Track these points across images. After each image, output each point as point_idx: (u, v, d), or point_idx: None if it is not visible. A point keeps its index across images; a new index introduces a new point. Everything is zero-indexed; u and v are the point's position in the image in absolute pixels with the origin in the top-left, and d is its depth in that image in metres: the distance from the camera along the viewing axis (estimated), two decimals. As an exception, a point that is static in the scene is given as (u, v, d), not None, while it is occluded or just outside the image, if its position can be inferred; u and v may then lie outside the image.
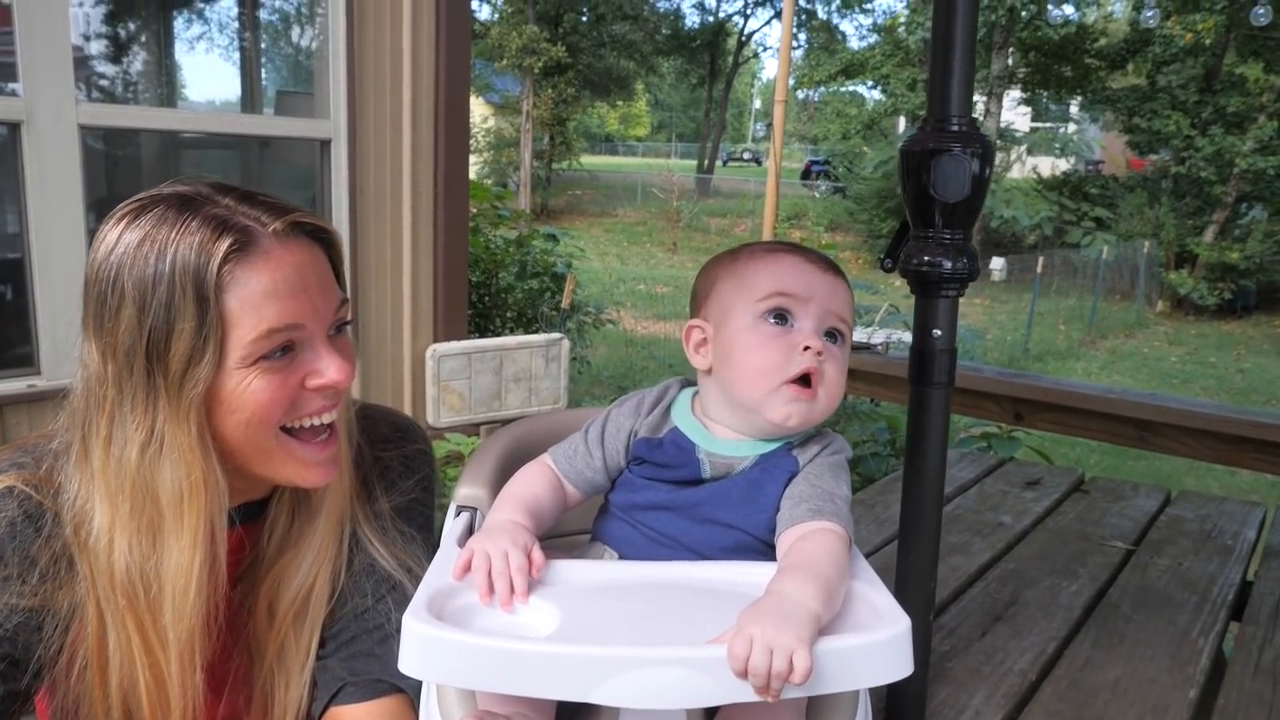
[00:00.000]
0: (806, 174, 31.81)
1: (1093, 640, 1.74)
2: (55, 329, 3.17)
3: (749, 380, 1.04)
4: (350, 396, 1.17)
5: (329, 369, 0.99)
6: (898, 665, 0.85)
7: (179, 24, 5.15)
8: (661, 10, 32.80)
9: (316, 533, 1.10)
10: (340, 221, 4.55)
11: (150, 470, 0.92)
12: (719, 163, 36.90)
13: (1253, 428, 2.86)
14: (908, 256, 1.27)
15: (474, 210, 7.04)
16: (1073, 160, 22.40)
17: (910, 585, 1.35)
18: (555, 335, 5.65)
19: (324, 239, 1.02)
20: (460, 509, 1.18)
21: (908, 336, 6.20)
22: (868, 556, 2.08)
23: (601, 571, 1.02)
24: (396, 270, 4.84)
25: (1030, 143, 21.33)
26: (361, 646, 1.09)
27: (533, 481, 1.14)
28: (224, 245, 0.91)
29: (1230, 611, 1.92)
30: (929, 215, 1.24)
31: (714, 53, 33.58)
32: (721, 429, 1.09)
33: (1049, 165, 21.95)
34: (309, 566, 1.09)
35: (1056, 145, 21.09)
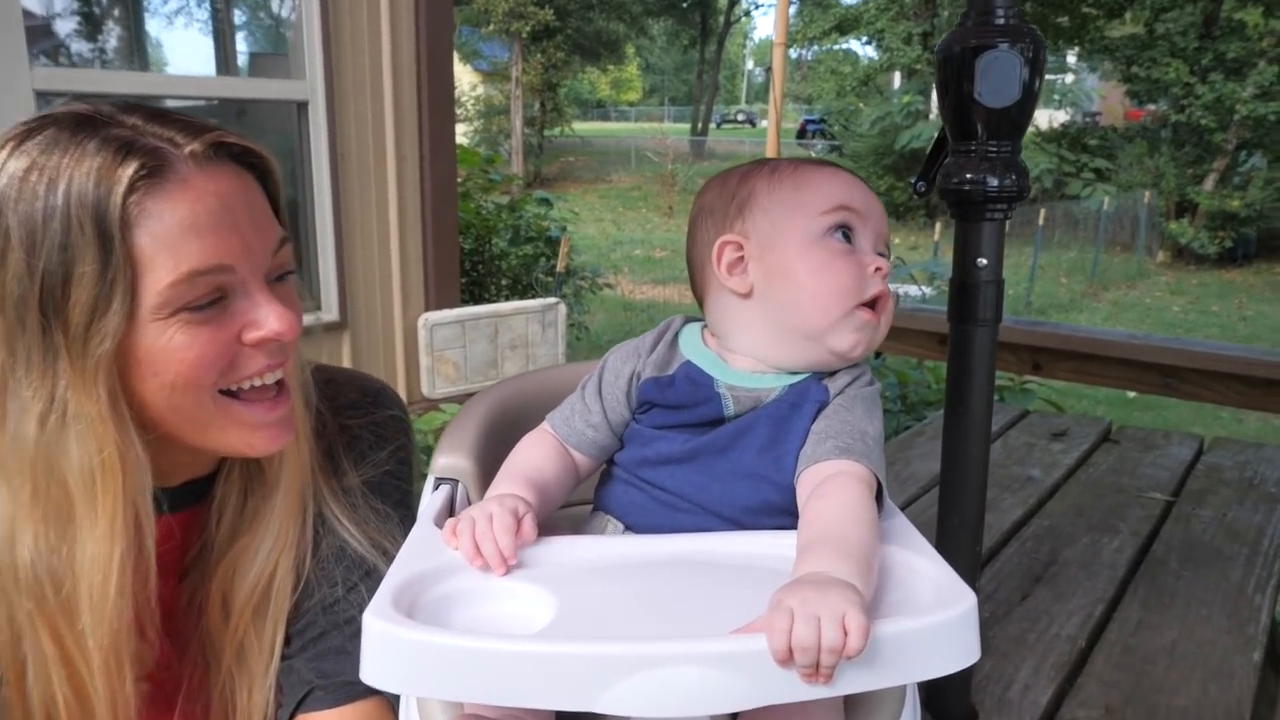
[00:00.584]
0: (802, 133, 31.49)
1: (1142, 600, 1.60)
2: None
3: (819, 303, 0.90)
4: (304, 357, 1.02)
5: (268, 319, 0.83)
6: (964, 651, 0.71)
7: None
8: (650, -30, 32.26)
9: (274, 512, 0.96)
10: (322, 188, 4.38)
11: (52, 446, 0.77)
12: (713, 125, 36.48)
13: (1287, 370, 2.71)
14: (946, 175, 1.11)
15: (463, 176, 6.87)
16: (1071, 112, 22.09)
17: (955, 550, 1.20)
18: (551, 300, 5.49)
19: (256, 164, 0.86)
20: (439, 481, 1.04)
21: (914, 290, 6.01)
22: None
23: (604, 549, 0.88)
24: (384, 238, 4.67)
25: (1027, 94, 20.97)
26: (332, 643, 0.94)
27: (532, 451, 0.99)
28: (129, 171, 0.75)
29: (1285, 564, 1.78)
30: (970, 126, 1.08)
31: (704, 13, 33.04)
32: (742, 359, 0.95)
33: (1047, 118, 21.64)
34: (267, 552, 0.95)
35: (1055, 96, 20.77)
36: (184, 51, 5.27)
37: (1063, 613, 1.55)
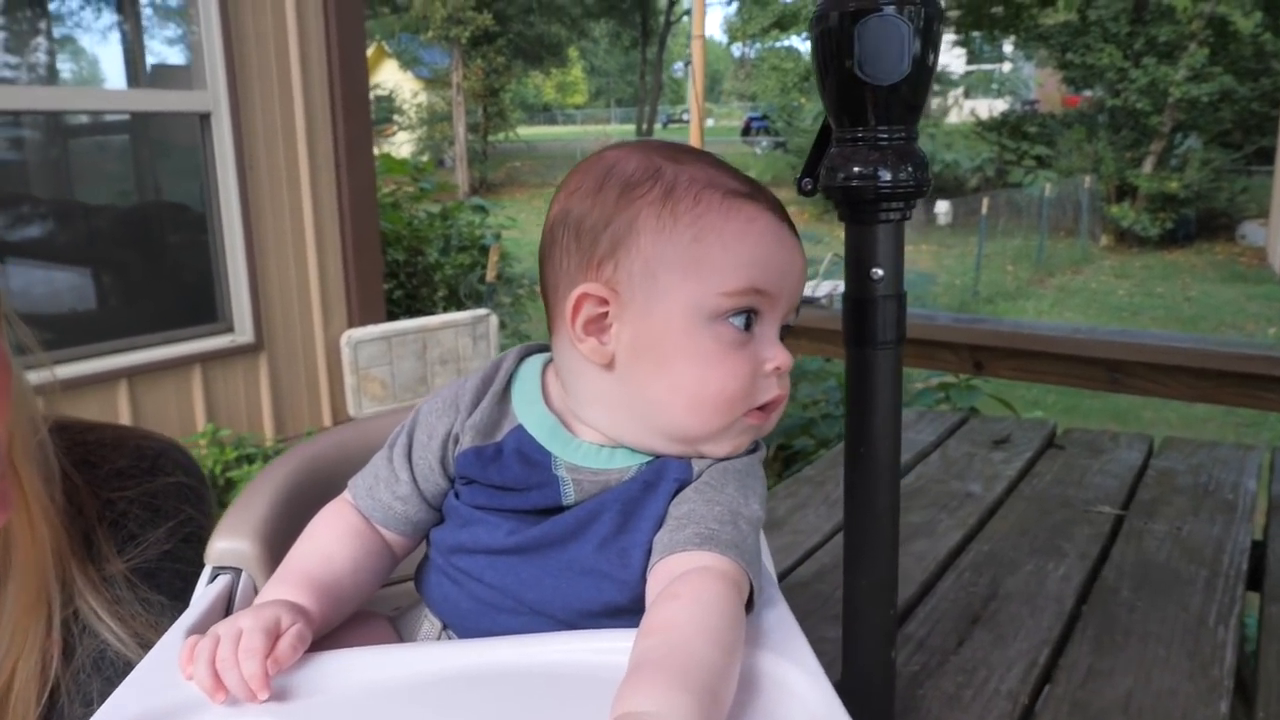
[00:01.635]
0: (747, 130, 31.51)
1: (1092, 640, 1.42)
2: None
3: (697, 411, 0.70)
4: (34, 413, 0.81)
5: None
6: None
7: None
8: (589, -28, 32.05)
9: (5, 615, 0.79)
10: (229, 202, 4.13)
11: None
12: (658, 125, 36.37)
13: (1237, 360, 2.57)
14: (831, 169, 0.91)
15: (392, 186, 6.61)
16: (1009, 100, 22.30)
17: (864, 616, 1.01)
18: (482, 311, 5.24)
19: None
20: (217, 571, 0.82)
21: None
22: (815, 551, 1.78)
23: (391, 667, 0.67)
24: (299, 252, 4.41)
25: (967, 85, 21.16)
26: None
27: (322, 535, 0.77)
28: None
29: (1246, 582, 1.62)
30: (856, 109, 0.88)
31: (644, 13, 32.92)
32: (590, 431, 0.73)
33: (986, 107, 21.81)
34: (1, 659, 0.79)
35: (994, 86, 20.94)
36: (87, 66, 4.97)
37: (1003, 661, 1.36)
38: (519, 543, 0.72)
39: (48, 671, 0.81)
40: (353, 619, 0.83)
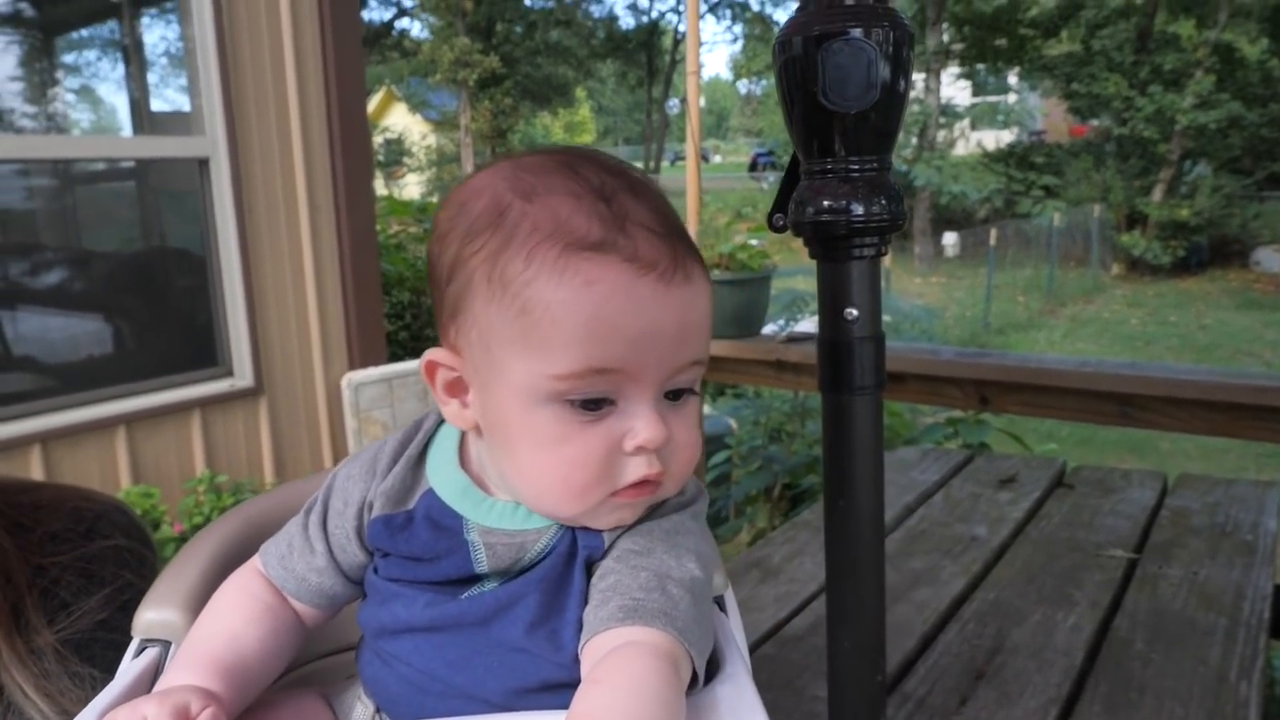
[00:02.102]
0: (754, 166, 31.66)
1: (1104, 699, 1.33)
2: None
3: (548, 495, 0.63)
4: None
5: None
6: None
7: (28, 47, 4.65)
8: (595, 15, 32.43)
9: None
10: (228, 246, 4.11)
11: None
12: (666, 162, 36.62)
13: (1252, 393, 2.48)
14: (800, 204, 0.86)
15: (398, 228, 6.60)
16: (1016, 131, 22.33)
17: (848, 683, 0.93)
18: (482, 352, 5.20)
19: None
20: (144, 644, 0.76)
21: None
22: (811, 601, 1.69)
23: None
24: (299, 295, 4.38)
25: (972, 116, 21.21)
26: None
27: (229, 612, 0.71)
28: None
29: (1269, 631, 1.53)
30: (824, 139, 0.83)
31: (650, 53, 33.26)
32: (504, 490, 0.67)
33: (993, 138, 21.84)
34: None
35: (999, 117, 20.97)
36: (92, 113, 5.00)
37: (1009, 722, 1.28)
38: (436, 617, 0.65)
39: None
40: (284, 695, 0.76)
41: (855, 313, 0.85)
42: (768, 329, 3.68)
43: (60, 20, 4.67)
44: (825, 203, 0.83)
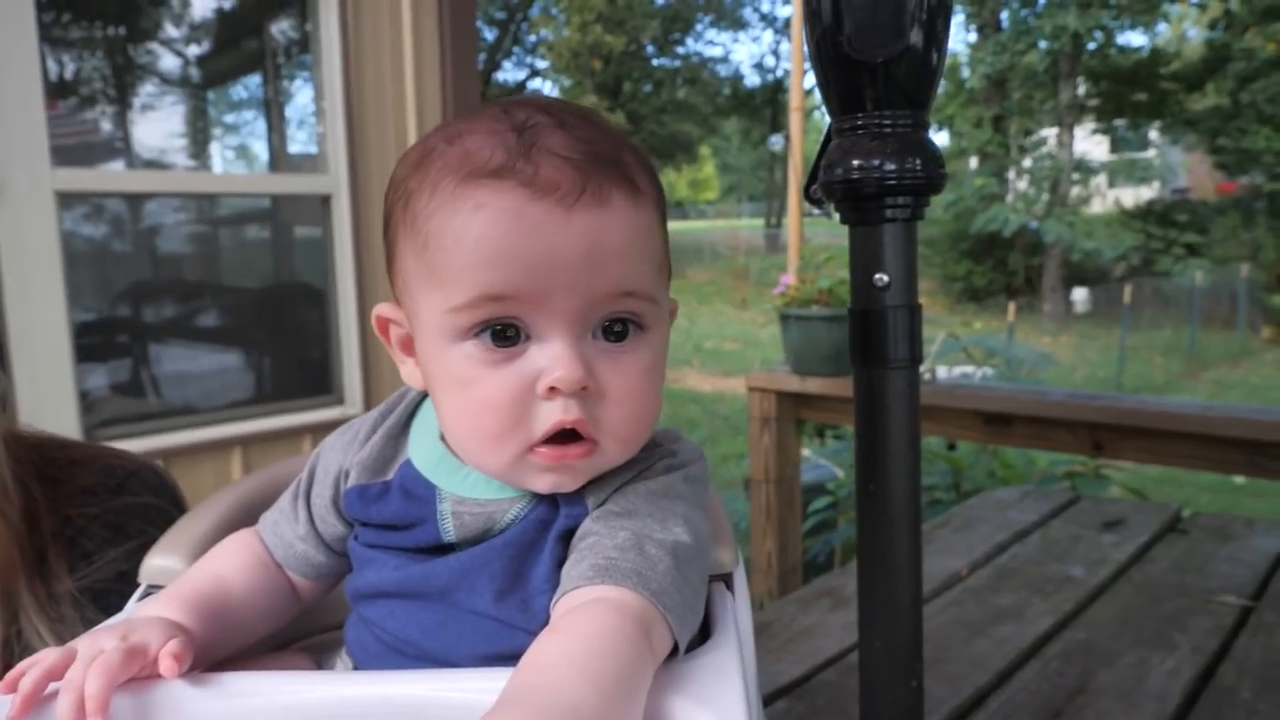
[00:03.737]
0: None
1: (1199, 746, 1.20)
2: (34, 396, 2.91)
3: (467, 443, 0.61)
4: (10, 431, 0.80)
5: None
6: None
7: (174, 94, 5.03)
8: (721, 74, 32.92)
9: None
10: (345, 279, 4.29)
11: None
12: (786, 218, 36.63)
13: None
14: (829, 166, 0.81)
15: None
16: (1156, 187, 21.38)
17: (879, 689, 0.86)
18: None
19: None
20: (149, 589, 0.78)
21: (969, 369, 5.56)
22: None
23: (270, 693, 0.60)
24: (409, 332, 4.55)
25: (1109, 172, 20.43)
26: None
27: (223, 560, 0.72)
28: None
29: (1401, 692, 1.35)
30: (854, 92, 0.79)
31: (775, 109, 33.47)
32: None
33: (1131, 195, 20.96)
34: None
35: (1138, 173, 20.13)
36: (227, 154, 5.34)
37: (1086, 763, 1.16)
38: (403, 580, 0.65)
39: None
40: (271, 655, 0.76)
41: (886, 278, 0.80)
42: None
43: (212, 76, 5.02)
44: (855, 161, 0.79)
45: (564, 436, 0.58)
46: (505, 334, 0.57)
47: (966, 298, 18.63)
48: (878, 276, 0.80)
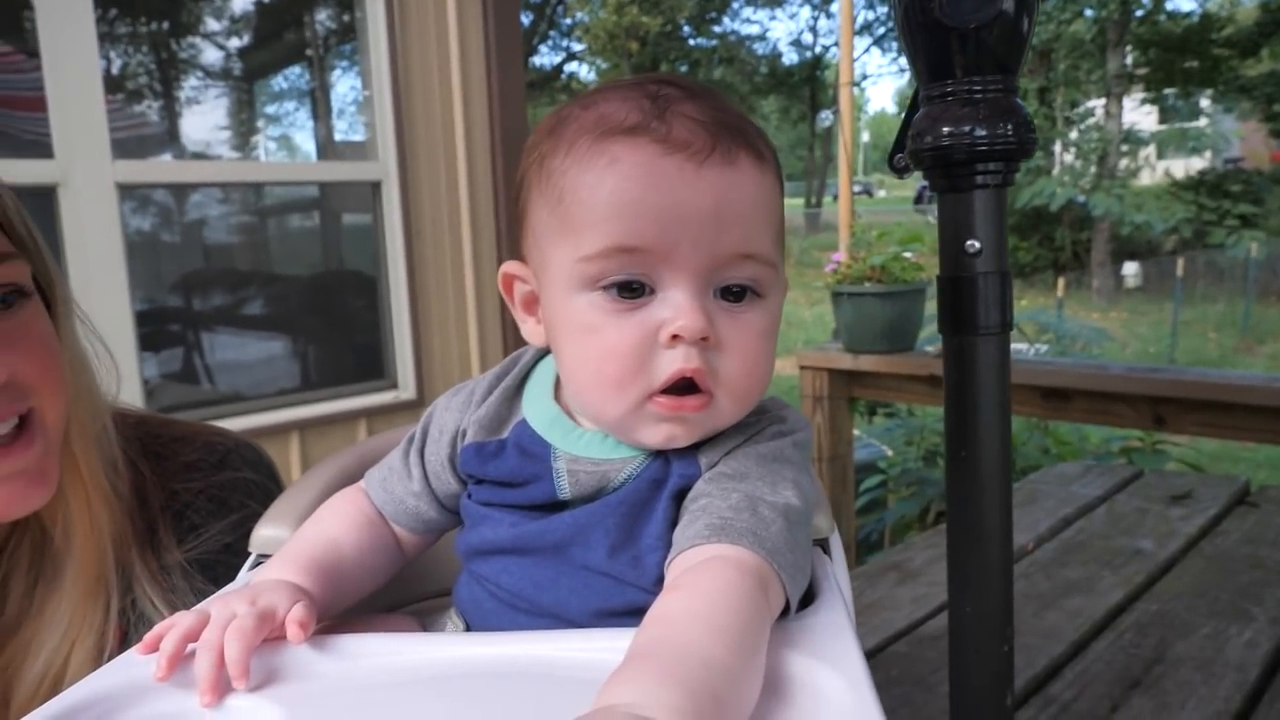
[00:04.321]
0: (919, 199, 30.85)
1: (1283, 715, 1.19)
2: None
3: (587, 391, 0.63)
4: (96, 403, 0.83)
5: None
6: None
7: (222, 86, 5.11)
8: (759, 52, 32.63)
9: (64, 597, 0.82)
10: (396, 267, 4.35)
11: None
12: (828, 197, 36.27)
13: None
14: (918, 134, 0.82)
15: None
16: (1209, 157, 20.84)
17: (970, 652, 0.87)
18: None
19: None
20: (260, 559, 0.81)
21: (1022, 346, 5.50)
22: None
23: (394, 654, 0.63)
24: (460, 317, 4.58)
25: (1159, 142, 19.95)
26: None
27: (332, 519, 0.75)
28: None
29: None
30: (944, 59, 0.79)
31: (813, 87, 33.14)
32: (591, 420, 0.68)
33: (1182, 166, 20.47)
34: (58, 642, 0.81)
35: (1189, 143, 19.64)
36: (273, 143, 5.42)
37: (1168, 732, 1.16)
38: (519, 537, 0.67)
39: (102, 657, 0.82)
40: (379, 616, 0.79)
41: (978, 245, 0.80)
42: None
43: (259, 68, 5.09)
44: (945, 129, 0.79)
45: (682, 388, 0.59)
46: (631, 287, 0.59)
47: (1013, 274, 18.36)
48: (969, 243, 0.80)
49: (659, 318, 0.58)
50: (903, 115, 0.90)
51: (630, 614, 0.62)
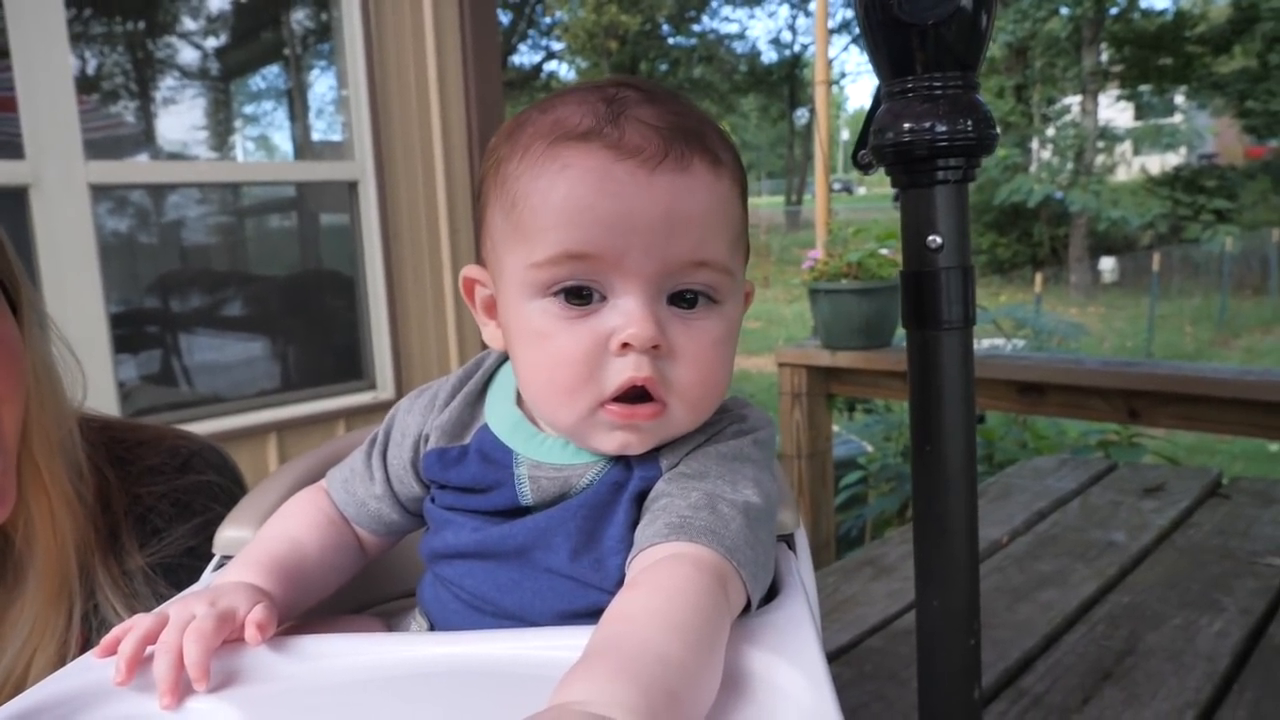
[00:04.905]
0: (898, 197, 30.99)
1: (1250, 704, 1.20)
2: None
3: (539, 398, 0.63)
4: (60, 408, 0.82)
5: None
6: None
7: (200, 84, 5.06)
8: (738, 51, 32.66)
9: (27, 604, 0.82)
10: (374, 266, 4.32)
11: None
12: (808, 195, 36.36)
13: None
14: (880, 130, 0.82)
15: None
16: (1183, 153, 21.04)
17: (936, 647, 0.87)
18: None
19: None
20: (224, 560, 0.80)
21: (999, 341, 5.53)
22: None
23: (355, 655, 0.62)
24: (439, 316, 4.56)
25: (1134, 139, 20.12)
26: None
27: (294, 520, 0.74)
28: None
29: None
30: (903, 55, 0.79)
31: (793, 85, 33.20)
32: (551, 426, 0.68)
33: (1157, 162, 20.66)
34: (20, 648, 0.81)
35: (1164, 139, 19.81)
36: (252, 144, 5.38)
37: (1137, 723, 1.17)
38: (482, 542, 0.67)
39: (64, 663, 0.81)
40: (343, 617, 0.78)
41: (939, 240, 0.81)
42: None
43: (235, 67, 5.04)
44: (906, 125, 0.80)
45: (634, 396, 0.59)
46: (581, 293, 0.58)
47: (991, 270, 18.46)
48: (931, 238, 0.80)
49: (610, 325, 0.58)
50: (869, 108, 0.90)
51: (593, 615, 0.62)
